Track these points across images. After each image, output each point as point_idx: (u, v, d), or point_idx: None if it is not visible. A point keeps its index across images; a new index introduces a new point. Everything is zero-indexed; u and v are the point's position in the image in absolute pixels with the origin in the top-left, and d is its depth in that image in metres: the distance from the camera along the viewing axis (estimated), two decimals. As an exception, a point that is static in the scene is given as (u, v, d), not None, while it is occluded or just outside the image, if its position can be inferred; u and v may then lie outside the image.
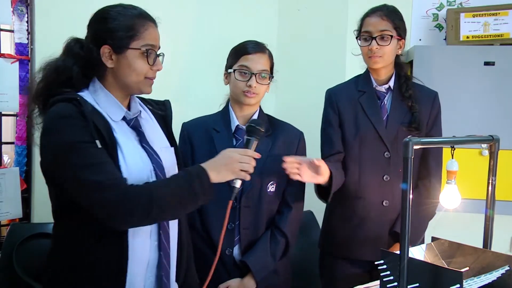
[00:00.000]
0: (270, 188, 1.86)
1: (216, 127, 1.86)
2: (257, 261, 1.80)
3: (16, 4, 2.20)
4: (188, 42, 2.64)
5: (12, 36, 2.22)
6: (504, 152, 1.80)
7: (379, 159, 1.90)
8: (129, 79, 1.39)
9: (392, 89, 1.96)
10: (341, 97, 1.98)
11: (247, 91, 1.80)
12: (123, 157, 1.33)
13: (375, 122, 1.90)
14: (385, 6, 1.93)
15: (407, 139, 1.30)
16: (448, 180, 1.60)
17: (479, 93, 2.45)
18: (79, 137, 1.27)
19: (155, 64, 1.41)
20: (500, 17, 2.55)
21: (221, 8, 2.78)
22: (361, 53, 1.96)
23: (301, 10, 2.90)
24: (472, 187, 1.93)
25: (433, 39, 2.79)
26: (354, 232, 1.94)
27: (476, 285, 1.35)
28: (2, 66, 2.14)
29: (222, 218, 1.77)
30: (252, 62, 1.80)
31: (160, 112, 1.57)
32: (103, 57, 1.37)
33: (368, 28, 1.89)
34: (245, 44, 1.86)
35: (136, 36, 1.38)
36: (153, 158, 1.42)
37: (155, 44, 1.42)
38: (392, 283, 1.39)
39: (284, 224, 1.87)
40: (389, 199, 1.91)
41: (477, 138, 1.59)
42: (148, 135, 1.46)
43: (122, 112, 1.41)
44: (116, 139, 1.34)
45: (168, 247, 1.45)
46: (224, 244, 1.79)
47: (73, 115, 1.28)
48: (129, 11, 1.41)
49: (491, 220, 1.59)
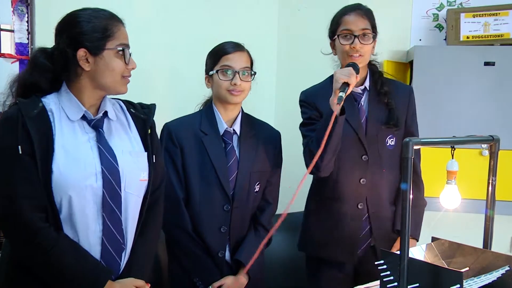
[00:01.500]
0: (256, 188, 1.91)
1: (203, 128, 1.86)
2: (249, 258, 1.82)
3: (16, 4, 2.20)
4: (188, 42, 2.64)
5: (12, 36, 2.23)
6: (504, 152, 1.80)
7: (356, 162, 1.89)
8: (107, 79, 1.43)
9: (368, 89, 1.94)
10: (318, 99, 1.93)
11: (232, 89, 1.82)
12: (58, 159, 1.35)
13: (355, 126, 1.87)
14: (360, 5, 1.91)
15: (407, 139, 1.30)
16: (448, 180, 1.60)
17: (479, 93, 2.45)
18: (2, 142, 1.35)
19: (130, 63, 1.45)
20: (500, 17, 2.55)
21: (221, 8, 2.78)
22: (331, 52, 1.95)
23: (301, 10, 2.90)
24: (472, 187, 1.93)
25: (433, 39, 2.79)
26: (329, 232, 1.93)
27: (476, 285, 1.35)
28: (2, 66, 2.14)
29: (214, 221, 1.83)
30: (233, 61, 1.82)
31: (142, 116, 1.57)
32: (80, 60, 1.40)
33: (348, 26, 1.85)
34: (223, 45, 1.88)
35: (110, 36, 1.41)
36: (105, 160, 1.42)
37: (127, 43, 1.45)
38: (392, 283, 1.39)
39: (266, 221, 1.94)
40: (364, 202, 1.90)
41: (477, 138, 1.59)
42: (112, 137, 1.48)
43: (81, 112, 1.43)
44: (54, 142, 1.36)
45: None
46: (216, 246, 1.85)
47: (9, 119, 1.35)
48: (100, 13, 1.44)
49: (491, 220, 1.59)
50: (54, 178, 1.34)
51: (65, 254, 1.35)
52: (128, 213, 1.46)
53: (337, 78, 1.71)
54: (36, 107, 1.38)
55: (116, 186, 1.42)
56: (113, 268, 1.44)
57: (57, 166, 1.35)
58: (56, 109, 1.41)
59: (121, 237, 1.45)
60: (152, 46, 2.50)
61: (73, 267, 1.35)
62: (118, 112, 1.54)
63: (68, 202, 1.36)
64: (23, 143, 1.32)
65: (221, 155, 1.84)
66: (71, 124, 1.42)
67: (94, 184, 1.39)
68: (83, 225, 1.39)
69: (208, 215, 1.83)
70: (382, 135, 1.90)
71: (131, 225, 1.49)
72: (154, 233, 1.58)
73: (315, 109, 1.92)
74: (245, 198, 1.87)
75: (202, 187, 1.82)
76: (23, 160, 1.32)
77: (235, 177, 1.85)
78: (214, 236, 1.84)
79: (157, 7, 2.55)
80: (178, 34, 2.61)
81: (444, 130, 2.01)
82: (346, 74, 1.70)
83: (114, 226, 1.43)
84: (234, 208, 1.85)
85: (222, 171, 1.82)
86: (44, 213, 1.35)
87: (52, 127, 1.38)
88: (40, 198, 1.34)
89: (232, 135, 1.88)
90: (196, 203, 1.83)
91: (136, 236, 1.51)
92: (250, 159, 1.88)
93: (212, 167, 1.82)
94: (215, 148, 1.83)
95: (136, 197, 1.49)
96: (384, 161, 1.91)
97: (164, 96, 2.56)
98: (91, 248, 1.40)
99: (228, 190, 1.83)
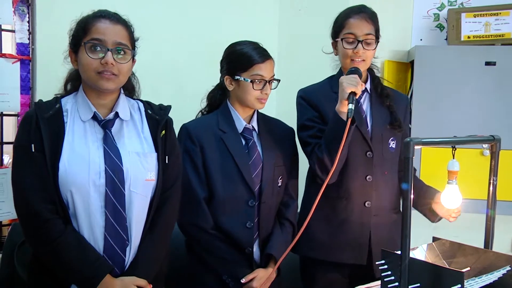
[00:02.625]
0: (279, 183, 1.92)
1: (221, 127, 1.87)
2: (280, 252, 1.82)
3: (18, 4, 2.20)
4: (189, 42, 2.64)
5: (14, 36, 2.23)
6: (505, 152, 1.80)
7: (361, 159, 1.87)
8: (84, 75, 1.48)
9: (370, 91, 1.94)
10: (317, 97, 1.92)
11: (261, 98, 1.84)
12: (65, 157, 1.43)
13: (357, 123, 1.82)
14: (365, 7, 1.89)
15: (408, 139, 1.30)
16: (449, 180, 1.60)
17: (480, 93, 2.45)
18: (19, 140, 1.45)
19: (103, 58, 1.44)
20: (501, 17, 2.55)
21: (222, 8, 2.78)
22: (333, 52, 1.94)
23: (302, 10, 2.90)
24: (473, 187, 1.93)
25: (434, 39, 2.79)
26: (334, 234, 1.89)
27: (477, 285, 1.35)
28: (3, 66, 2.14)
29: (239, 217, 1.83)
30: (265, 71, 1.84)
31: (157, 117, 1.60)
32: (71, 59, 1.49)
33: (352, 30, 1.83)
34: (252, 50, 1.85)
35: (85, 32, 1.45)
36: (109, 160, 1.46)
37: (101, 38, 1.44)
38: (393, 283, 1.39)
39: (292, 216, 1.96)
40: (372, 200, 1.88)
41: (478, 138, 1.59)
42: (122, 137, 1.51)
43: (91, 113, 1.49)
44: (63, 141, 1.44)
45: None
46: (244, 242, 1.84)
47: (26, 119, 1.45)
48: (90, 14, 1.50)
49: (492, 220, 1.59)
50: (60, 174, 1.41)
51: (69, 246, 1.41)
52: (132, 211, 1.49)
53: (343, 88, 1.68)
54: (52, 108, 1.47)
55: (120, 185, 1.46)
56: (117, 263, 1.47)
57: (63, 164, 1.42)
58: (72, 110, 1.50)
59: (125, 234, 1.48)
60: (153, 46, 2.50)
61: (75, 259, 1.41)
62: (134, 112, 1.59)
63: (73, 198, 1.43)
64: (35, 142, 1.41)
65: (242, 152, 1.85)
66: (82, 124, 1.49)
67: (97, 182, 1.44)
68: (87, 220, 1.45)
69: (233, 212, 1.83)
70: (387, 135, 1.89)
71: (136, 223, 1.51)
72: (163, 232, 1.58)
73: (315, 108, 1.90)
74: (270, 193, 1.88)
75: (225, 184, 1.82)
76: (35, 157, 1.41)
77: (261, 172, 1.86)
78: (241, 232, 1.83)
79: (158, 7, 2.55)
80: (178, 34, 2.61)
81: (445, 130, 2.01)
82: (353, 83, 1.68)
83: (117, 223, 1.46)
84: (262, 203, 1.85)
85: (245, 167, 1.83)
86: (54, 206, 1.42)
87: (65, 127, 1.46)
88: (50, 192, 1.41)
89: (252, 131, 1.90)
90: (220, 201, 1.83)
91: (144, 234, 1.53)
92: (272, 153, 1.90)
93: (234, 164, 1.82)
94: (235, 145, 1.85)
95: (142, 196, 1.51)
96: (386, 163, 1.90)
97: (164, 96, 2.55)
98: (95, 242, 1.45)
99: (252, 185, 1.82)
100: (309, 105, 1.92)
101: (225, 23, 2.76)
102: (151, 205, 1.54)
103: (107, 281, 1.42)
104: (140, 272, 1.50)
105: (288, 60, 2.90)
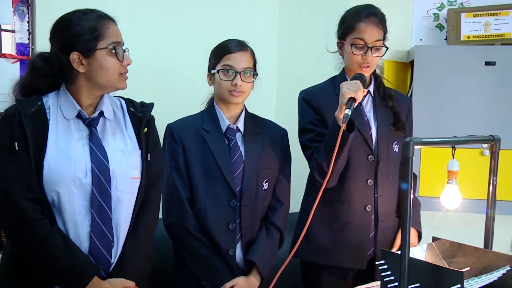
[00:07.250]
0: (265, 186, 1.88)
1: (205, 127, 1.85)
2: (262, 258, 1.81)
3: (17, 4, 2.20)
4: (188, 42, 2.64)
5: (13, 36, 2.22)
6: (505, 152, 1.80)
7: (362, 163, 1.85)
8: (104, 79, 1.46)
9: (373, 94, 1.92)
10: (318, 98, 1.89)
11: (233, 90, 1.80)
12: (50, 155, 1.40)
13: (359, 125, 1.82)
14: (375, 9, 1.85)
15: (408, 139, 1.30)
16: (449, 180, 1.60)
17: (480, 93, 2.45)
18: (1, 139, 1.40)
19: (124, 59, 1.47)
20: (501, 17, 2.55)
21: (222, 8, 2.78)
22: (337, 51, 1.92)
23: (302, 10, 2.90)
24: (473, 187, 1.93)
25: (434, 39, 2.79)
26: (335, 237, 1.87)
27: (477, 285, 1.35)
28: (3, 66, 2.14)
29: (221, 218, 1.80)
30: (235, 61, 1.80)
31: (140, 115, 1.59)
32: (74, 63, 1.43)
33: (362, 35, 1.79)
34: (226, 43, 1.86)
35: (100, 36, 1.43)
36: (95, 158, 1.44)
37: (119, 41, 1.47)
38: (393, 283, 1.39)
39: (278, 220, 1.90)
40: (372, 204, 1.87)
41: (478, 138, 1.59)
42: (106, 136, 1.50)
43: (75, 111, 1.47)
44: (47, 139, 1.41)
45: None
46: (226, 244, 1.81)
47: (7, 116, 1.41)
48: (89, 15, 1.46)
49: (492, 220, 1.59)
50: (45, 173, 1.39)
51: (56, 247, 1.39)
52: (119, 211, 1.49)
53: (343, 93, 1.65)
54: (34, 105, 1.43)
55: (106, 184, 1.45)
56: (102, 264, 1.46)
57: (48, 162, 1.39)
58: (54, 107, 1.47)
59: (110, 234, 1.47)
60: (153, 45, 2.50)
61: (62, 260, 1.39)
62: (117, 110, 1.57)
63: (58, 197, 1.40)
64: (19, 140, 1.38)
65: (224, 151, 1.82)
66: (66, 122, 1.46)
67: (83, 180, 1.42)
68: (72, 219, 1.43)
69: (214, 212, 1.80)
70: (391, 138, 1.87)
71: (123, 222, 1.50)
72: (147, 229, 1.58)
73: (317, 111, 1.88)
74: (253, 196, 1.84)
75: (206, 184, 1.81)
76: (19, 155, 1.38)
77: (242, 173, 1.83)
78: (223, 233, 1.81)
79: (158, 7, 2.55)
80: (179, 34, 2.61)
81: (445, 130, 2.01)
82: (353, 89, 1.64)
83: (103, 223, 1.45)
84: (243, 206, 1.82)
85: (226, 166, 1.80)
86: (39, 205, 1.39)
87: (48, 124, 1.43)
88: (35, 191, 1.38)
89: (235, 132, 1.86)
90: (201, 201, 1.81)
91: (129, 232, 1.53)
92: (256, 155, 1.86)
93: (216, 164, 1.80)
94: (217, 145, 1.82)
95: (128, 195, 1.51)
96: (392, 167, 1.89)
97: (164, 95, 2.55)
98: (80, 243, 1.43)
99: (234, 186, 1.80)
100: (311, 108, 1.90)
101: (225, 23, 2.76)
102: (136, 203, 1.53)
103: (95, 282, 1.41)
104: (126, 271, 1.49)
105: (288, 60, 2.90)
